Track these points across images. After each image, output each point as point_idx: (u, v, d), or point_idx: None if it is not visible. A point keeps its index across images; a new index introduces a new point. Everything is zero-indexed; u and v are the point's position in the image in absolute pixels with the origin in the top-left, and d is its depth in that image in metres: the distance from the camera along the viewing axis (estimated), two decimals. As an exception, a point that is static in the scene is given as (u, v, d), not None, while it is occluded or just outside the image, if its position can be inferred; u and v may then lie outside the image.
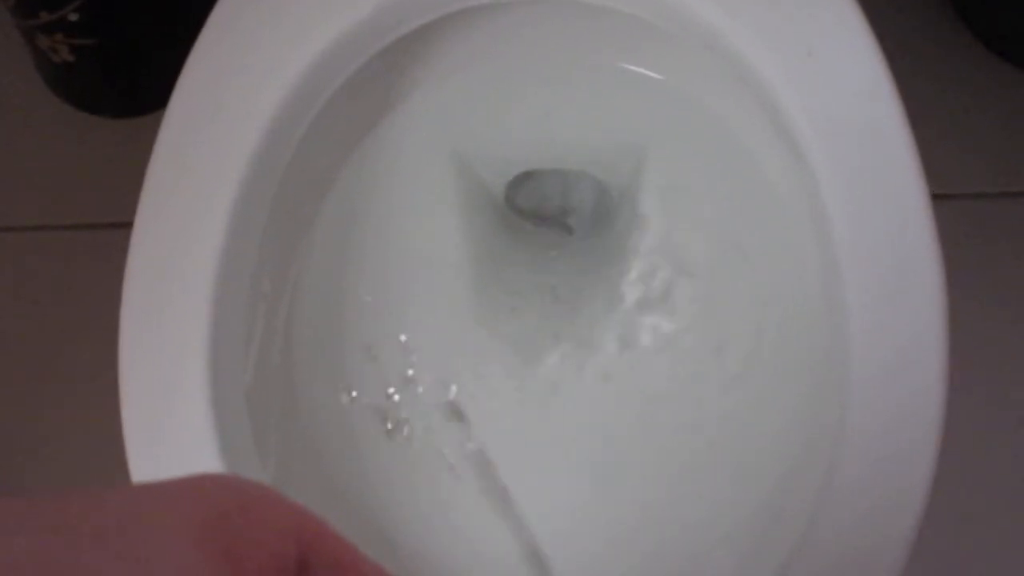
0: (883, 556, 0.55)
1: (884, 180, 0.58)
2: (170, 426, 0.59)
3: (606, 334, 0.73)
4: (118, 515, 0.28)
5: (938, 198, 0.58)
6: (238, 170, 0.62)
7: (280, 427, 0.68)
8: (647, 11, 0.66)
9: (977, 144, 1.08)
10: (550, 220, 0.84)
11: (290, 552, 0.30)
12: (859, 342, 0.56)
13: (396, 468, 0.72)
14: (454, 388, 0.73)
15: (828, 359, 0.61)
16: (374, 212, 0.76)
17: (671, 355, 0.72)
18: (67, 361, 1.09)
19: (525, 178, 0.80)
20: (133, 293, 0.61)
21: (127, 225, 0.62)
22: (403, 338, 0.74)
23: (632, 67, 0.76)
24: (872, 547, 0.55)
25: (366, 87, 0.70)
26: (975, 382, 0.98)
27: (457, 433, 0.72)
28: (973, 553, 0.97)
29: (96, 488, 0.29)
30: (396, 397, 0.72)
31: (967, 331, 0.63)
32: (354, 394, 0.73)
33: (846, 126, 0.59)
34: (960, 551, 0.96)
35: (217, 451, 0.58)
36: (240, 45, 0.65)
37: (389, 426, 0.72)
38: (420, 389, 0.73)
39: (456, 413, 0.72)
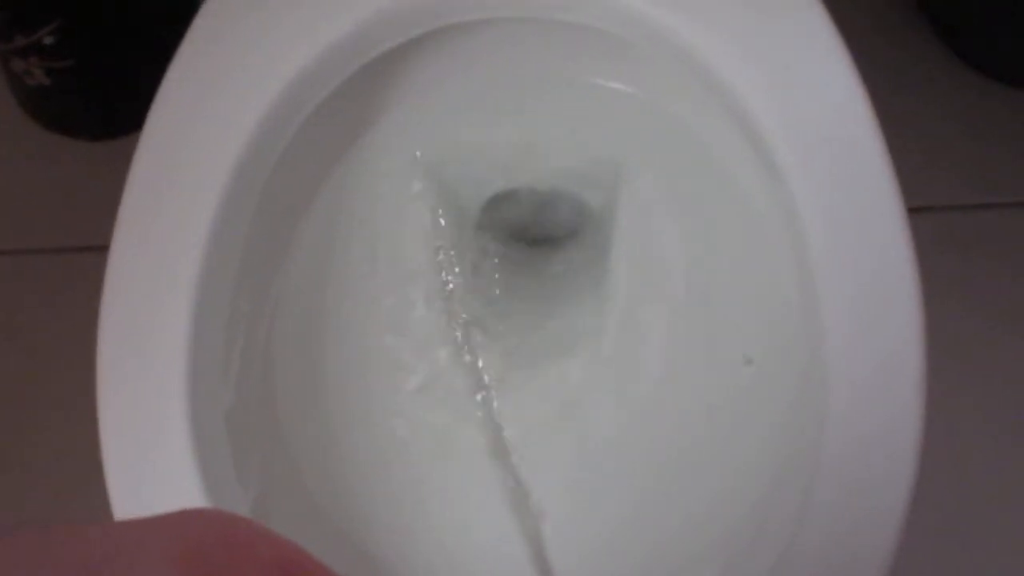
0: (863, 573, 0.55)
1: (860, 194, 0.59)
2: (150, 452, 0.59)
3: (585, 353, 0.73)
4: (102, 549, 0.28)
5: (914, 211, 0.58)
6: (215, 191, 0.62)
7: (261, 448, 0.68)
8: (622, 28, 0.66)
9: (952, 156, 1.09)
10: (528, 237, 0.84)
11: None
12: (836, 360, 0.56)
13: (380, 488, 0.72)
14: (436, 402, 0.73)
15: (807, 378, 0.61)
16: (352, 230, 0.76)
17: (651, 372, 0.72)
18: (46, 386, 1.08)
19: (503, 196, 0.80)
20: (111, 317, 0.61)
21: (104, 248, 0.61)
22: (385, 354, 0.74)
23: (608, 83, 0.77)
24: (851, 567, 0.55)
25: (343, 106, 0.70)
26: (954, 395, 0.98)
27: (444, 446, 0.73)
28: (952, 569, 0.97)
29: (79, 523, 0.29)
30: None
31: (945, 344, 0.63)
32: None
33: (821, 141, 0.60)
34: (939, 568, 0.96)
35: (197, 477, 0.58)
36: (216, 65, 0.65)
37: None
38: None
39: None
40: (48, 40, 1.02)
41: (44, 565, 0.26)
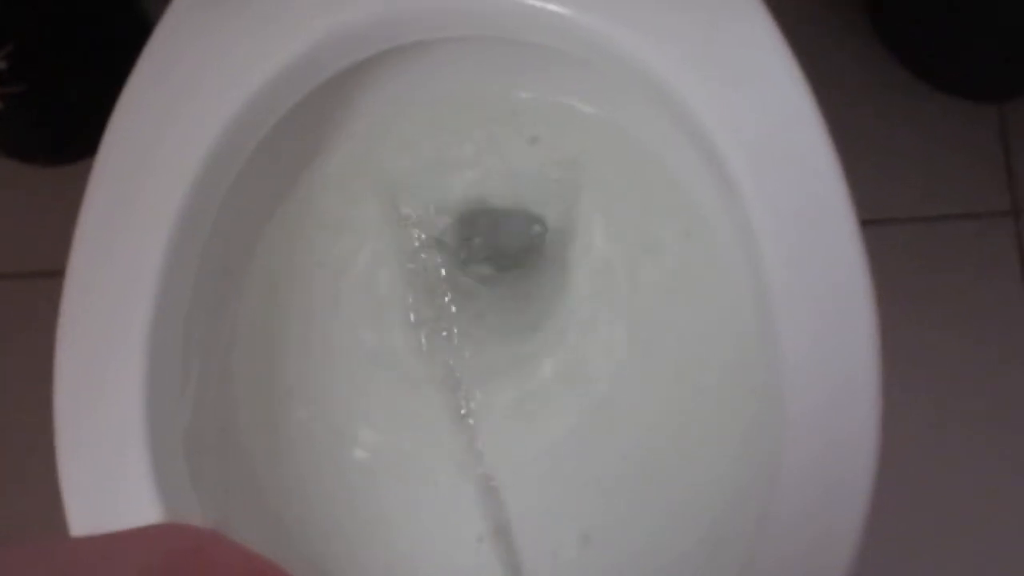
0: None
1: (813, 208, 0.59)
2: (108, 474, 0.58)
3: (544, 369, 0.74)
4: (69, 563, 0.28)
5: (868, 223, 0.58)
6: (169, 216, 0.61)
7: (221, 469, 0.68)
8: (575, 46, 0.67)
9: (907, 168, 1.09)
10: (488, 258, 0.84)
11: None
12: (793, 377, 0.57)
13: (340, 501, 0.72)
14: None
15: (764, 396, 0.62)
16: (311, 252, 0.76)
17: (611, 388, 0.72)
18: (2, 410, 1.07)
19: (461, 215, 0.80)
20: (67, 341, 0.61)
21: (60, 273, 0.61)
22: (346, 371, 0.74)
23: (564, 100, 0.77)
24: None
25: (298, 128, 0.70)
26: (911, 408, 0.99)
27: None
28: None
29: (45, 539, 0.29)
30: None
31: (906, 355, 0.63)
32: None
33: (773, 155, 0.60)
34: None
35: (156, 498, 0.58)
36: (169, 89, 0.65)
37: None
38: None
39: None
40: (1, 65, 1.01)
41: None
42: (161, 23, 0.67)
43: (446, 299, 0.78)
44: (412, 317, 0.76)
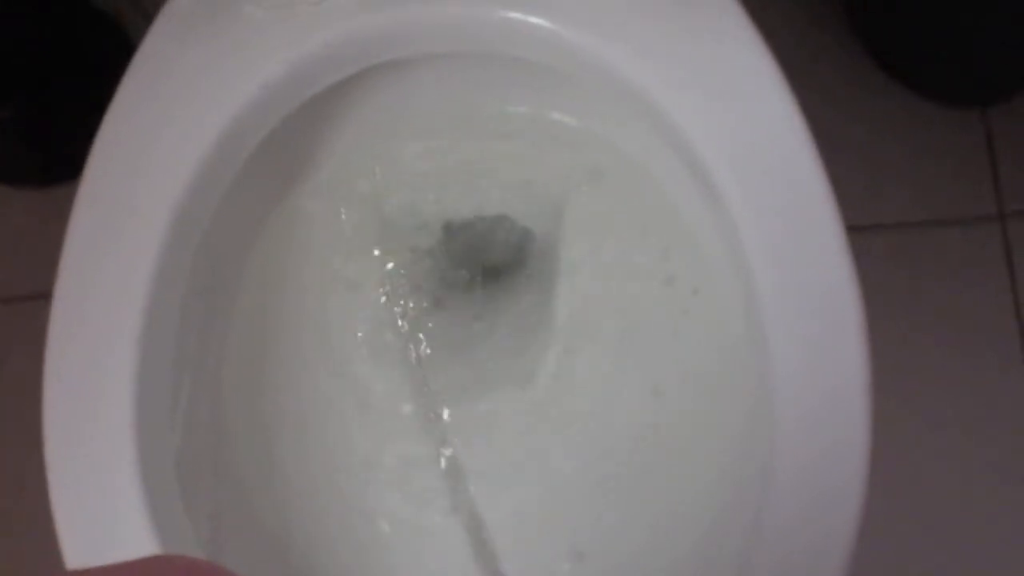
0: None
1: (800, 216, 0.59)
2: (100, 498, 0.58)
3: (538, 377, 0.74)
4: None
5: (854, 229, 0.58)
6: (156, 237, 0.61)
7: (212, 489, 0.68)
8: (558, 60, 0.67)
9: (890, 175, 1.10)
10: (476, 268, 0.84)
11: None
12: (783, 384, 0.57)
13: (335, 526, 0.72)
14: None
15: (755, 403, 0.62)
16: (301, 267, 0.76)
17: (603, 397, 0.72)
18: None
19: (450, 226, 0.80)
20: (56, 364, 0.60)
21: (47, 296, 0.61)
22: (339, 390, 0.74)
23: (551, 115, 0.77)
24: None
25: (283, 145, 0.70)
26: (900, 410, 0.99)
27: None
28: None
29: (43, 572, 0.29)
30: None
31: (889, 361, 0.63)
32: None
33: (759, 164, 0.60)
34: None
35: (148, 520, 0.57)
36: (152, 110, 0.64)
37: None
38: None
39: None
40: (-14, 91, 1.02)
41: None
42: (143, 46, 0.67)
43: (433, 309, 0.78)
44: (402, 325, 0.76)
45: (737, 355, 0.66)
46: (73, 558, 0.57)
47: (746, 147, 0.60)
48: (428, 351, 0.76)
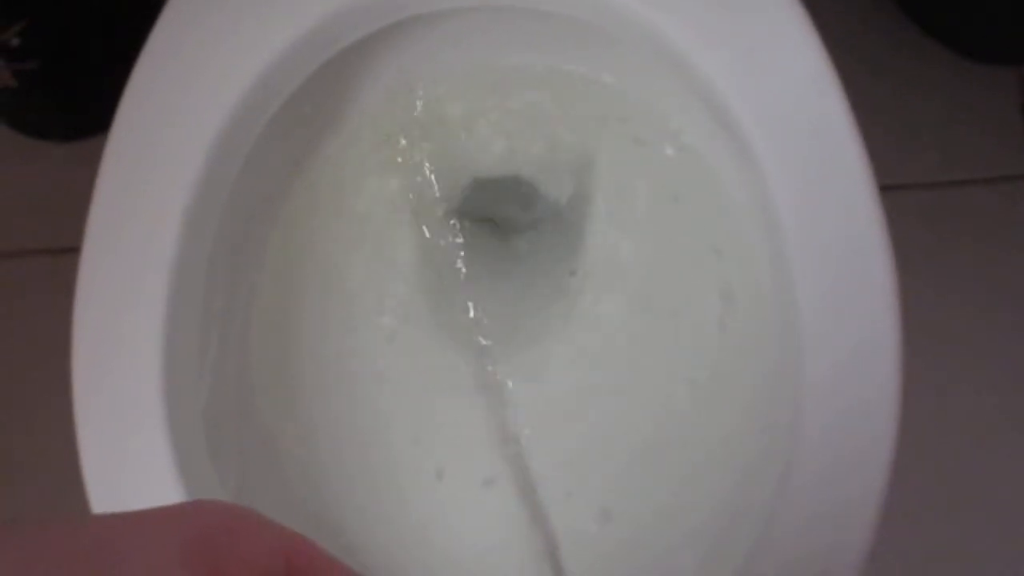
0: (842, 554, 0.55)
1: (832, 173, 0.59)
2: (128, 451, 0.58)
3: (563, 331, 0.74)
4: (102, 538, 0.28)
5: (886, 189, 0.58)
6: (185, 189, 0.61)
7: (240, 443, 0.68)
8: (588, 13, 0.66)
9: (923, 133, 1.09)
10: (501, 227, 0.84)
11: (279, 570, 0.30)
12: (811, 339, 0.56)
13: (360, 479, 0.72)
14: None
15: (783, 357, 0.61)
16: (330, 221, 0.76)
17: (629, 354, 0.72)
18: (22, 388, 1.07)
19: (474, 186, 0.80)
20: (84, 318, 0.61)
21: (75, 249, 0.61)
22: (365, 343, 0.74)
23: (575, 69, 0.77)
24: (831, 545, 0.55)
25: (314, 96, 0.70)
26: (928, 371, 0.98)
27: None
28: (931, 548, 0.98)
29: (77, 515, 0.29)
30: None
31: (919, 321, 0.63)
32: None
33: (791, 121, 0.60)
34: (918, 547, 0.97)
35: (176, 474, 0.58)
36: (181, 63, 0.64)
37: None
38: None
39: None
40: (14, 42, 1.01)
41: (44, 557, 0.26)
42: (172, -3, 0.67)
43: (464, 266, 0.78)
44: (435, 278, 0.76)
45: (765, 311, 0.66)
46: (100, 505, 0.58)
47: (778, 105, 0.60)
48: (463, 301, 0.76)
